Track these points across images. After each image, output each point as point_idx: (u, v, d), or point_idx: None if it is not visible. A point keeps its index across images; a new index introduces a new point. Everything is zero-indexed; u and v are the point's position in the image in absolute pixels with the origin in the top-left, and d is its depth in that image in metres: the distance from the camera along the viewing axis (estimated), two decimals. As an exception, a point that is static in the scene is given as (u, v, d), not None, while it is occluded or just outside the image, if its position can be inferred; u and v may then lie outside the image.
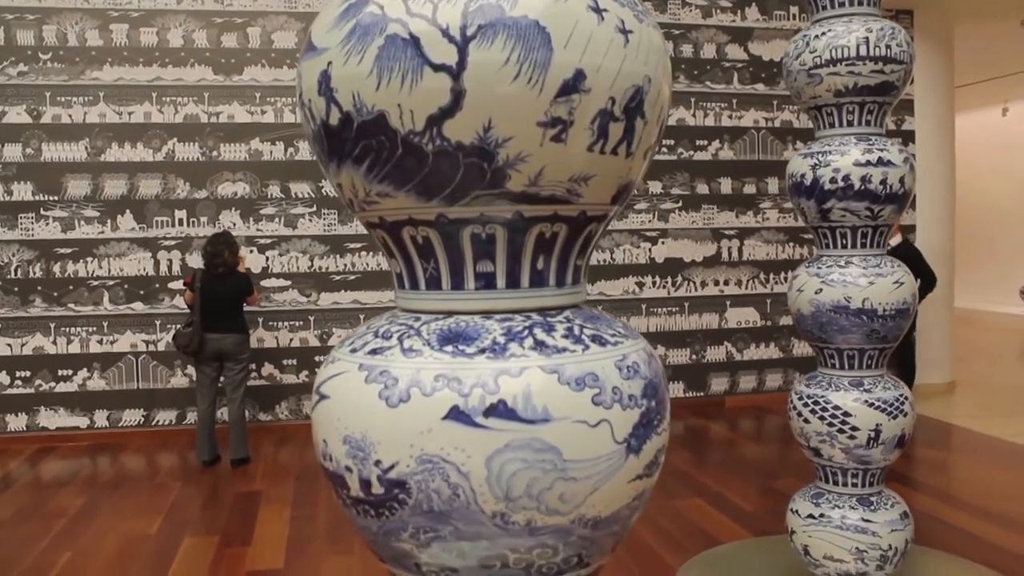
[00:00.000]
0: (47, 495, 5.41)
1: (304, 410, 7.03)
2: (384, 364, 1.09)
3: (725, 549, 4.25)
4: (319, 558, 4.24)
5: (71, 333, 6.76)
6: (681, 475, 5.55)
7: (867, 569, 3.42)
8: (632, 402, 1.09)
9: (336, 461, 1.11)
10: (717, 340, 7.67)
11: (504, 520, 1.05)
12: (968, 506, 4.83)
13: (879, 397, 3.41)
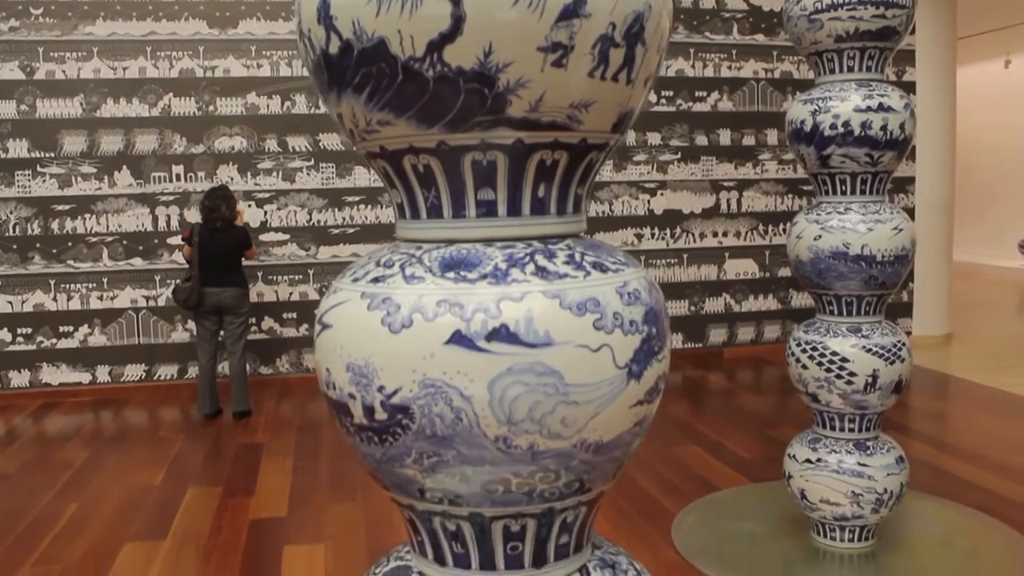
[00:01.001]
0: (52, 449, 5.45)
1: (305, 363, 7.06)
2: (386, 291, 1.10)
3: (723, 495, 4.30)
4: (322, 507, 4.29)
5: (71, 290, 6.77)
6: (680, 424, 5.59)
7: (863, 512, 3.47)
8: (633, 328, 1.10)
9: (339, 389, 1.13)
10: (715, 292, 7.69)
11: (507, 444, 1.06)
12: (963, 453, 4.88)
13: (877, 343, 3.43)
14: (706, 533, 3.82)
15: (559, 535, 1.20)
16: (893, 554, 3.59)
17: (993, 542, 3.71)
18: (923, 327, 7.88)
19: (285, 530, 4.02)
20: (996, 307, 10.57)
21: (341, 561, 3.66)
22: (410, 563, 1.30)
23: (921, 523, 3.90)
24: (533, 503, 1.14)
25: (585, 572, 1.26)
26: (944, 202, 7.93)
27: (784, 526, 3.84)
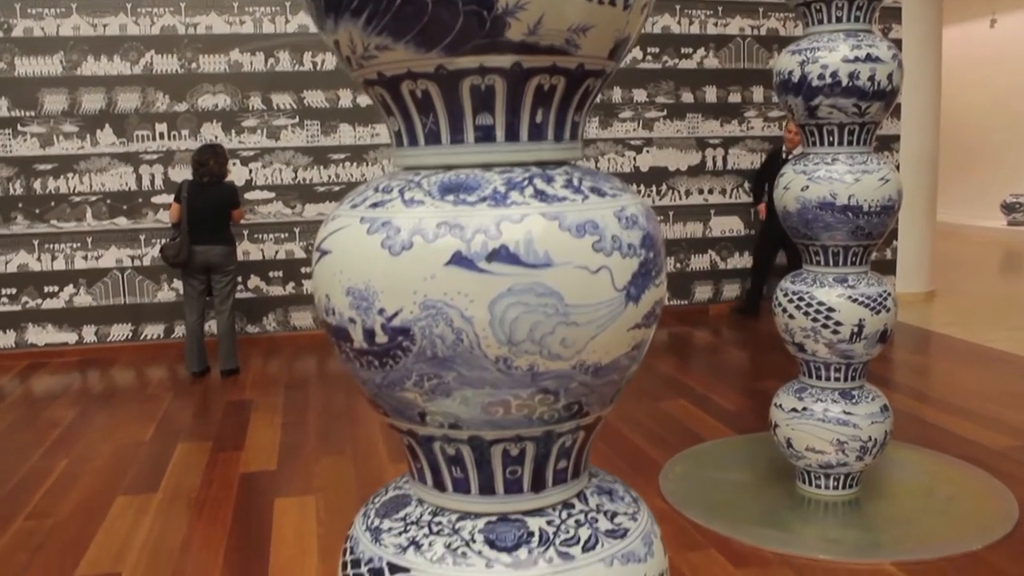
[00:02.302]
0: (39, 408, 5.45)
1: (292, 322, 7.07)
2: (386, 216, 1.10)
3: (709, 446, 4.35)
4: (311, 460, 4.32)
5: (55, 250, 6.73)
6: (666, 379, 5.64)
7: (847, 460, 3.53)
8: (631, 251, 1.11)
9: (339, 314, 1.13)
10: (701, 249, 7.72)
11: (507, 365, 1.08)
12: (944, 405, 4.95)
13: (863, 293, 3.46)
14: (693, 482, 3.87)
15: (557, 460, 1.22)
16: (876, 501, 3.65)
17: (973, 489, 3.77)
18: (906, 284, 7.95)
19: (275, 483, 4.05)
20: (978, 266, 10.66)
21: (332, 512, 3.69)
22: (409, 492, 1.32)
23: (903, 471, 3.96)
24: (532, 426, 1.15)
25: (583, 498, 1.28)
26: (929, 160, 7.96)
27: (769, 475, 3.90)
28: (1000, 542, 3.27)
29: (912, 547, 3.26)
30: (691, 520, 3.46)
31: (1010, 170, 13.33)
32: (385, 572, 1.22)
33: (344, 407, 5.20)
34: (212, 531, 3.56)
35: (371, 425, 4.81)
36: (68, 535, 3.56)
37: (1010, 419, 4.65)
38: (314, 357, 6.55)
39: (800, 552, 3.22)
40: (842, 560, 3.17)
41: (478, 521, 1.22)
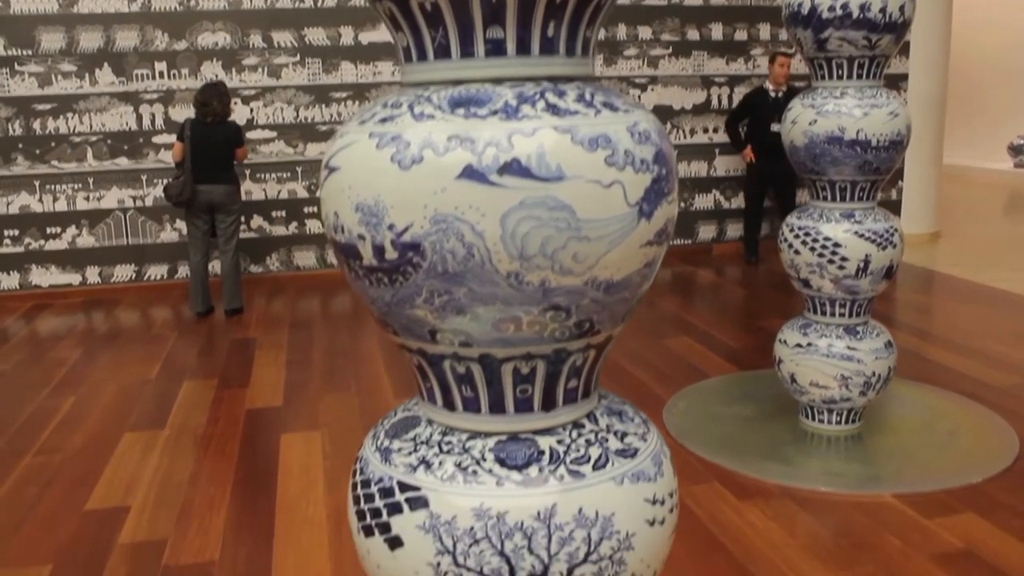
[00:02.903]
0: (45, 348, 5.48)
1: (295, 261, 7.06)
2: (395, 130, 1.08)
3: (713, 382, 4.38)
4: (316, 397, 4.35)
5: (56, 191, 6.69)
6: (670, 317, 5.65)
7: (851, 395, 3.54)
8: (644, 166, 1.10)
9: (348, 231, 1.12)
10: (705, 188, 7.68)
11: (518, 280, 1.07)
12: (948, 343, 4.96)
13: (869, 228, 3.45)
14: (696, 417, 3.89)
15: (568, 379, 1.22)
16: (878, 435, 3.68)
17: (974, 423, 3.80)
18: (911, 225, 7.90)
19: (281, 419, 4.08)
20: (983, 207, 10.61)
21: (338, 446, 3.73)
22: (418, 413, 1.33)
23: (905, 407, 3.99)
24: (543, 344, 1.15)
25: (593, 418, 1.29)
26: (936, 101, 7.86)
27: (773, 410, 3.92)
28: (1000, 475, 3.30)
29: (913, 480, 3.29)
30: (694, 453, 3.49)
31: (1019, 111, 13.19)
32: (395, 491, 1.23)
33: (348, 345, 5.21)
34: (219, 466, 3.60)
35: (375, 363, 4.83)
36: (77, 470, 3.60)
37: (1012, 357, 4.67)
38: (317, 297, 6.55)
39: (802, 484, 3.25)
40: (844, 492, 3.20)
41: (488, 440, 1.22)
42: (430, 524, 1.18)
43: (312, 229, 7.05)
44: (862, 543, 2.85)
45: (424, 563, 1.19)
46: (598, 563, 1.19)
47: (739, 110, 7.16)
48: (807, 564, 2.73)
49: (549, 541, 1.16)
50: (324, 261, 7.10)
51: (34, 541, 3.03)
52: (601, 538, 1.18)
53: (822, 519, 3.02)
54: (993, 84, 13.46)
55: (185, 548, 2.96)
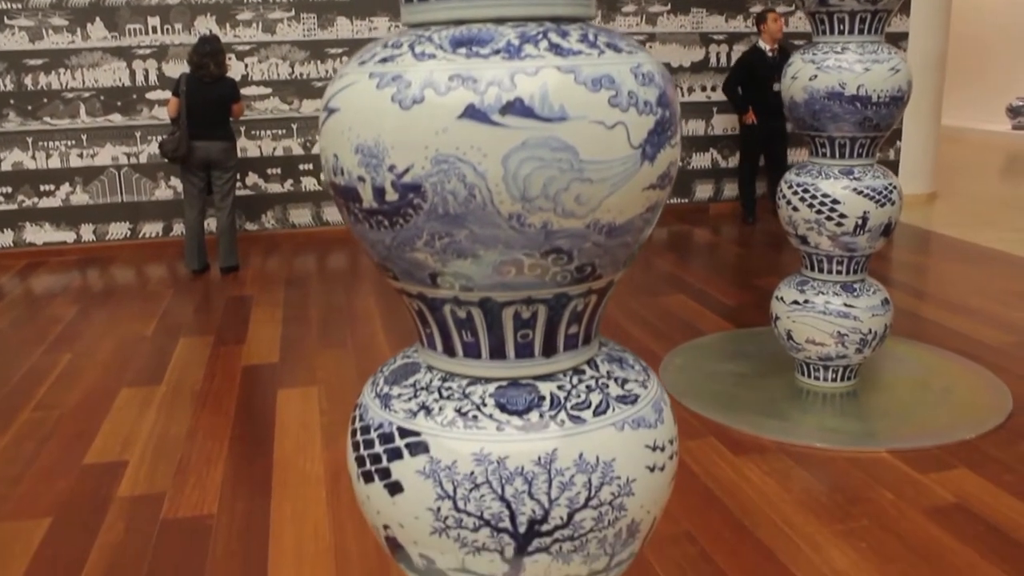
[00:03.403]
0: (40, 305, 5.46)
1: (291, 219, 7.03)
2: (396, 70, 1.06)
3: (709, 339, 4.38)
4: (313, 353, 4.35)
5: (50, 147, 6.64)
6: (666, 275, 5.65)
7: (847, 352, 3.55)
8: (647, 108, 1.08)
9: (347, 174, 1.11)
10: (702, 147, 7.64)
11: (520, 222, 1.06)
12: (944, 302, 4.97)
13: (868, 185, 3.44)
14: (693, 373, 3.90)
15: (569, 324, 1.21)
16: (873, 392, 3.70)
17: (968, 381, 3.81)
18: (908, 185, 7.86)
19: (278, 375, 4.08)
20: (981, 169, 10.58)
21: (335, 401, 3.73)
22: (417, 360, 1.32)
23: (901, 365, 4.00)
24: (545, 288, 1.14)
25: (593, 364, 1.28)
26: (936, 60, 7.80)
27: (768, 367, 3.94)
28: (993, 431, 3.32)
29: (907, 436, 3.31)
30: (690, 410, 3.50)
31: (1018, 73, 13.11)
32: (395, 437, 1.22)
33: (344, 303, 5.21)
34: (216, 421, 3.60)
35: (372, 320, 4.83)
36: (75, 426, 3.60)
37: (1008, 316, 4.68)
38: (313, 254, 6.54)
39: (798, 440, 3.27)
40: (839, 448, 3.21)
41: (488, 386, 1.22)
42: (430, 469, 1.18)
43: (308, 187, 7.01)
44: (856, 497, 2.88)
45: (424, 508, 1.19)
46: (598, 508, 1.19)
47: (737, 72, 7.07)
48: (802, 518, 2.76)
49: (550, 486, 1.16)
50: (320, 219, 7.07)
51: (34, 494, 3.05)
52: (601, 483, 1.19)
53: (817, 474, 3.04)
54: (993, 45, 13.36)
55: (183, 502, 2.97)
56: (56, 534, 2.79)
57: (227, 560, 2.61)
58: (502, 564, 1.20)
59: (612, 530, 1.22)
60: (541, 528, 1.17)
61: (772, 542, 2.63)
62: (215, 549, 2.67)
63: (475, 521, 1.17)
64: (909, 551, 2.57)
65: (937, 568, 2.48)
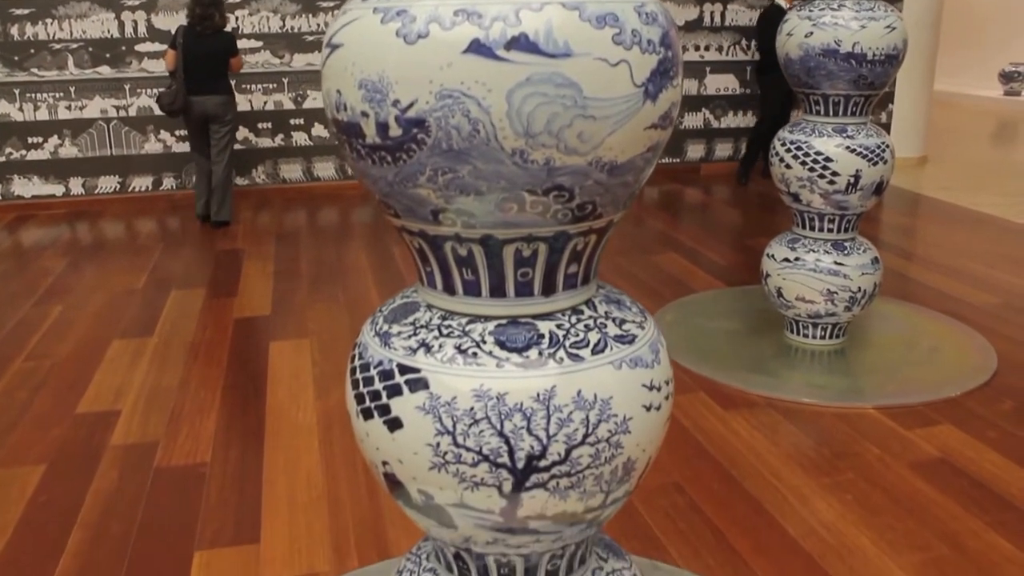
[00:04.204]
0: (29, 258, 5.44)
1: (281, 174, 6.99)
2: (401, 4, 1.06)
3: (699, 296, 4.41)
4: (305, 306, 4.36)
5: (37, 99, 6.57)
6: (657, 234, 5.67)
7: (836, 310, 3.58)
8: (651, 47, 1.09)
9: (351, 109, 1.11)
10: (695, 107, 7.61)
11: (523, 158, 1.06)
12: (932, 264, 5.00)
13: (861, 143, 3.44)
14: (683, 330, 3.93)
15: (568, 264, 1.23)
16: (861, 350, 3.73)
17: (955, 341, 3.85)
18: (899, 148, 7.81)
19: (269, 327, 4.09)
20: (972, 133, 10.59)
21: (327, 353, 3.75)
22: (417, 299, 1.33)
23: (889, 324, 4.03)
24: (545, 225, 1.15)
25: (592, 305, 1.30)
26: (930, 24, 7.77)
27: (758, 325, 3.97)
28: (977, 389, 3.36)
29: (894, 392, 3.35)
30: (681, 365, 3.53)
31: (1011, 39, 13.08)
32: (395, 373, 1.24)
33: (335, 258, 5.21)
34: (209, 372, 3.61)
35: (363, 274, 4.84)
36: (67, 375, 3.61)
37: (995, 278, 4.71)
38: (304, 210, 6.52)
39: (786, 396, 3.31)
40: (826, 404, 3.25)
41: (488, 324, 1.23)
42: (430, 405, 1.20)
43: (298, 142, 6.97)
44: (842, 452, 2.92)
45: (423, 444, 1.21)
46: (595, 445, 1.21)
47: (762, 36, 6.87)
48: (789, 470, 2.80)
49: (548, 422, 1.18)
50: (310, 174, 7.04)
51: (28, 442, 3.06)
52: (599, 420, 1.20)
53: (804, 429, 3.08)
54: (987, 10, 13.31)
55: (176, 450, 2.99)
56: (50, 481, 2.80)
57: (220, 507, 2.63)
58: (500, 499, 1.22)
59: (608, 467, 1.24)
60: (539, 464, 1.19)
61: (760, 493, 2.67)
62: (208, 496, 2.69)
63: (474, 456, 1.19)
64: (894, 503, 2.61)
65: (921, 519, 2.53)
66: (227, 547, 2.44)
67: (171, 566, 2.36)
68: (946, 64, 10.97)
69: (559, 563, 1.39)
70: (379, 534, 2.47)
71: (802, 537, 2.45)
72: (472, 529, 1.28)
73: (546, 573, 1.39)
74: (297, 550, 2.41)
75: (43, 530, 2.53)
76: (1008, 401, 3.26)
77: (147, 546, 2.45)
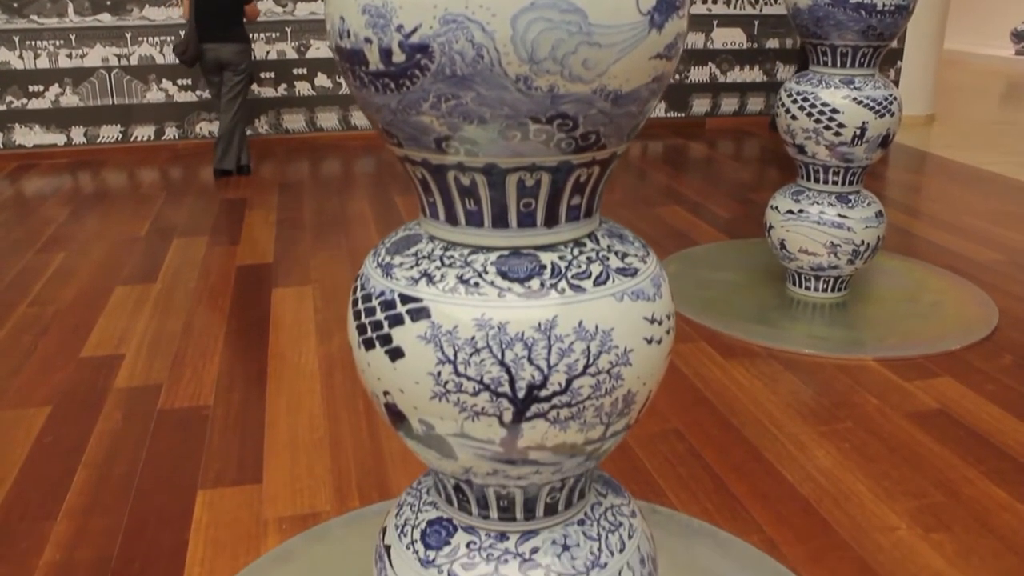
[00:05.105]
0: (32, 207, 5.44)
1: (284, 124, 6.96)
2: (404, -74, 1.05)
3: (702, 248, 4.41)
4: (307, 254, 4.36)
5: (37, 47, 6.52)
6: (661, 187, 5.65)
7: (838, 263, 3.58)
8: (657, -27, 1.08)
9: (354, 36, 1.10)
10: (701, 61, 7.55)
11: (527, 85, 1.06)
12: (936, 221, 4.99)
13: (868, 95, 3.42)
14: (686, 281, 3.93)
15: (571, 195, 1.22)
16: (863, 304, 3.74)
17: (957, 296, 3.86)
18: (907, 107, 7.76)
19: (272, 274, 4.10)
20: (981, 93, 10.51)
21: (329, 300, 3.76)
22: (419, 231, 1.33)
23: (891, 278, 4.04)
24: (549, 154, 1.15)
25: (594, 238, 1.30)
26: (941, -23, 7.69)
27: (760, 277, 3.97)
28: (978, 343, 3.37)
29: (894, 345, 3.36)
30: (682, 315, 3.54)
31: (1022, -5, 12.92)
32: (397, 303, 1.24)
33: (338, 207, 5.20)
34: (212, 317, 3.63)
35: (366, 224, 4.84)
36: (71, 321, 3.63)
37: (999, 235, 4.71)
38: (307, 160, 6.50)
39: (787, 347, 3.32)
40: (827, 355, 3.27)
41: (490, 254, 1.23)
42: (431, 334, 1.20)
43: (301, 91, 6.93)
44: (841, 401, 2.94)
45: (425, 373, 1.22)
46: (596, 376, 1.22)
47: None
48: (788, 418, 2.82)
49: (549, 352, 1.19)
50: (313, 124, 7.01)
51: (33, 384, 3.08)
52: (600, 351, 1.21)
53: (804, 379, 3.10)
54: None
55: (179, 393, 3.01)
56: (55, 422, 2.83)
57: (223, 448, 2.66)
58: (500, 429, 1.23)
59: (609, 399, 1.25)
60: (540, 393, 1.20)
61: (759, 441, 2.69)
62: (211, 438, 2.72)
63: (475, 386, 1.20)
64: (891, 452, 2.63)
65: (917, 468, 2.55)
66: (230, 487, 2.47)
67: (175, 504, 2.39)
68: (957, 22, 10.86)
69: (558, 496, 1.41)
70: (380, 476, 2.50)
71: (800, 483, 2.47)
72: (472, 460, 1.29)
73: (545, 506, 1.41)
74: (299, 490, 2.44)
75: (49, 469, 2.56)
76: (1008, 355, 3.27)
77: (151, 485, 2.48)
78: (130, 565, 2.14)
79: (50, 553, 2.19)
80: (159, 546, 2.22)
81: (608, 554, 1.43)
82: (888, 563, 2.14)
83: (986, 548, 2.20)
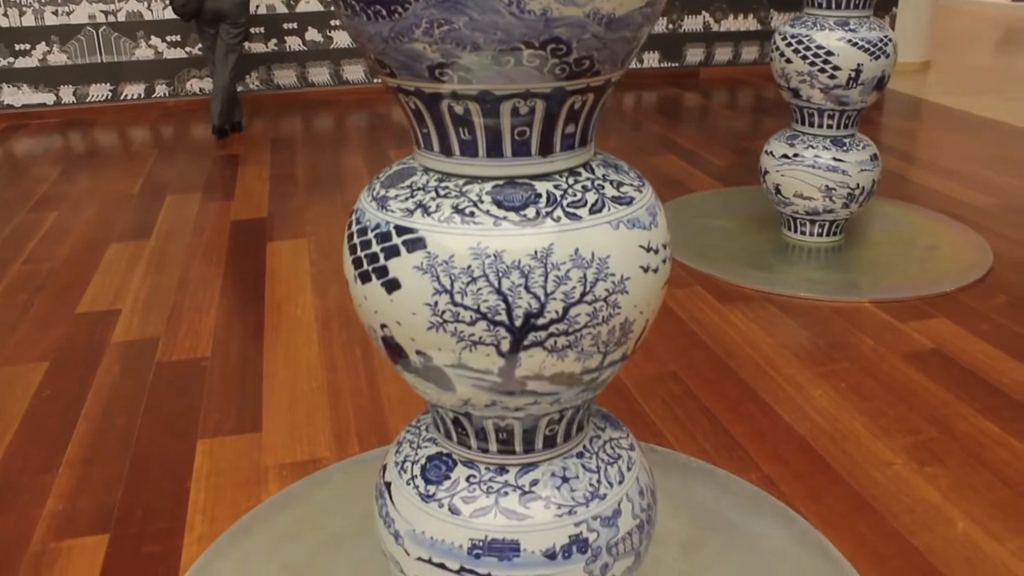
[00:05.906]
0: (22, 167, 5.40)
1: (275, 80, 6.90)
2: None
3: (698, 196, 4.40)
4: (302, 208, 4.35)
5: (22, 4, 6.43)
6: (656, 136, 5.63)
7: (834, 207, 3.58)
8: None
9: (345, -37, 1.09)
10: (694, 9, 7.47)
11: (519, 8, 1.05)
12: (932, 166, 4.98)
13: (863, 37, 3.39)
14: (681, 228, 3.93)
15: (566, 124, 1.22)
16: (858, 248, 3.74)
17: (952, 238, 3.86)
18: (902, 54, 7.77)
19: (267, 228, 4.09)
20: (977, 40, 10.43)
21: (324, 253, 3.76)
22: (414, 165, 1.33)
23: (886, 223, 4.04)
24: (543, 80, 1.14)
25: (589, 168, 1.29)
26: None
27: (756, 223, 3.97)
28: (972, 285, 3.38)
29: (889, 287, 3.37)
30: (678, 261, 3.54)
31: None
32: (392, 235, 1.24)
33: (331, 163, 5.18)
34: (207, 271, 3.62)
35: (360, 178, 4.82)
36: (66, 277, 3.62)
37: (994, 180, 4.70)
38: (299, 116, 6.45)
39: (782, 290, 3.33)
40: (822, 298, 3.28)
41: (485, 184, 1.23)
42: (428, 264, 1.20)
43: (292, 47, 6.85)
44: (837, 343, 2.95)
45: (422, 303, 1.22)
46: (593, 304, 1.22)
47: None
48: (784, 360, 2.83)
49: (546, 280, 1.19)
50: (304, 79, 6.95)
51: (30, 340, 3.08)
52: (596, 279, 1.21)
53: (800, 321, 3.11)
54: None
55: (177, 346, 3.02)
56: (54, 376, 2.84)
57: (222, 398, 2.67)
58: (498, 359, 1.24)
59: (606, 327, 1.25)
60: (537, 322, 1.20)
61: (755, 382, 2.71)
62: (210, 389, 2.73)
63: (472, 315, 1.20)
64: (887, 391, 2.65)
65: (912, 405, 2.57)
66: (230, 436, 2.48)
67: (175, 454, 2.40)
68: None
69: (557, 428, 1.42)
70: (379, 422, 2.51)
71: (796, 422, 2.49)
72: (470, 391, 1.30)
73: (544, 438, 1.42)
74: (298, 438, 2.45)
75: (48, 423, 2.57)
76: (1002, 296, 3.29)
77: (151, 436, 2.49)
78: (132, 513, 2.16)
79: (52, 503, 2.21)
80: (161, 494, 2.23)
81: (607, 486, 1.44)
82: (884, 497, 2.17)
83: (980, 481, 2.23)
